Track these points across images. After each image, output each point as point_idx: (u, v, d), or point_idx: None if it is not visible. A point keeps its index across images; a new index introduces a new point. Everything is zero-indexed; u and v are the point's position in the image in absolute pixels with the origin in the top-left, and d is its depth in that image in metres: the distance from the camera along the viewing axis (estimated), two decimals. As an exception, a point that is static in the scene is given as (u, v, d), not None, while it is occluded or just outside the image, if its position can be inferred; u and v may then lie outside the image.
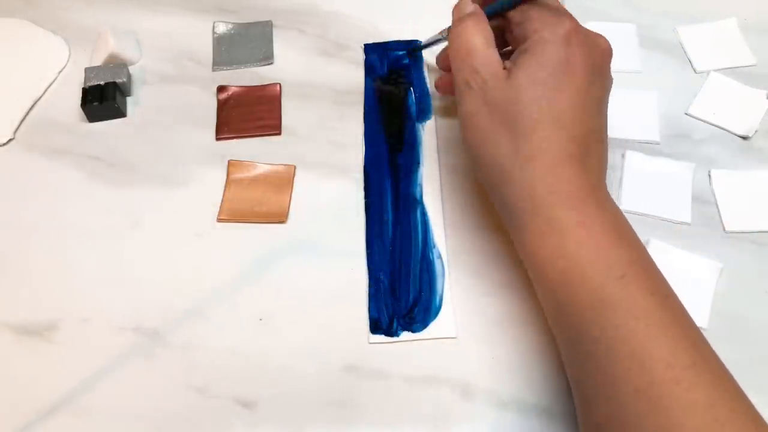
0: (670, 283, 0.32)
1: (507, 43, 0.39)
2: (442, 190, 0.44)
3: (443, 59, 0.45)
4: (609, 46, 0.35)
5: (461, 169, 0.45)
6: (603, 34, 0.50)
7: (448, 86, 0.44)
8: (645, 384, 0.28)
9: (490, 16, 0.37)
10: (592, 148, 0.34)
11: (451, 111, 0.47)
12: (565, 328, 0.32)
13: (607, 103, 0.36)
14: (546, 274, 0.32)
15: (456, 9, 0.38)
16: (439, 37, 0.44)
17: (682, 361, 0.28)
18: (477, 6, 0.37)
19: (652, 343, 0.28)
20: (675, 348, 0.28)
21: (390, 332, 0.38)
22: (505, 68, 0.35)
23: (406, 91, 0.48)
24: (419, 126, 0.46)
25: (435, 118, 0.47)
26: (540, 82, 0.33)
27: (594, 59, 0.34)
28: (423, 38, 0.47)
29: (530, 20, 0.35)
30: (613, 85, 0.44)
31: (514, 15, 0.36)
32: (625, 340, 0.29)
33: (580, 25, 0.34)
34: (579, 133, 0.33)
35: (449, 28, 0.40)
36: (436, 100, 0.48)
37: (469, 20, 0.36)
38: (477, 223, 0.42)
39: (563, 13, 0.35)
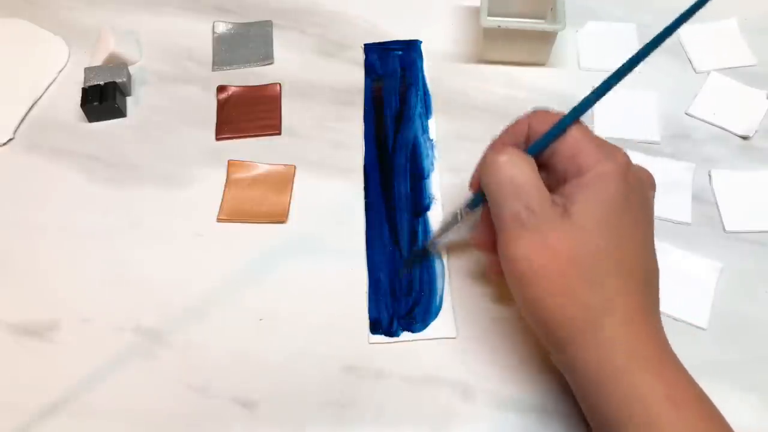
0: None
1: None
2: (442, 190, 0.43)
3: (478, 241, 0.36)
4: (653, 179, 0.33)
5: (461, 168, 0.44)
6: (603, 34, 0.51)
7: (487, 242, 0.35)
8: None
9: (536, 156, 0.32)
10: (654, 290, 0.31)
11: (451, 110, 0.47)
12: None
13: (653, 226, 0.32)
14: None
15: (486, 162, 0.32)
16: (456, 219, 0.37)
17: None
18: (517, 148, 0.32)
19: None
20: None
21: (390, 332, 0.38)
22: (553, 203, 0.30)
23: (407, 91, 0.48)
24: (419, 125, 0.46)
25: (435, 118, 0.47)
26: (604, 222, 0.29)
27: (645, 194, 0.32)
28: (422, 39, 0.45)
29: (584, 152, 0.30)
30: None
31: (565, 147, 0.31)
32: None
33: (629, 158, 0.31)
34: (643, 278, 0.30)
35: (466, 206, 0.35)
36: (436, 99, 0.48)
37: (511, 150, 0.31)
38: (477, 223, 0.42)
39: (613, 145, 0.31)
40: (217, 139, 0.46)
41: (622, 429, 0.28)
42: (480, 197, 0.33)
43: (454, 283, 0.40)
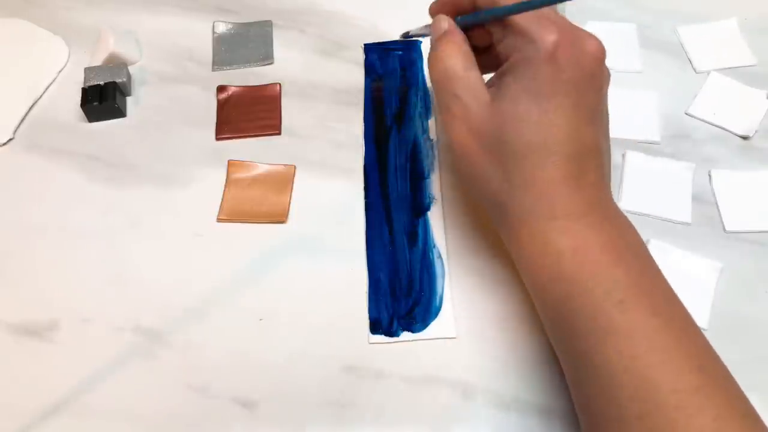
0: (678, 299, 0.31)
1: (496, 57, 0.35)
2: (442, 190, 0.44)
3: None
4: (600, 47, 0.32)
5: (461, 169, 0.45)
6: (603, 34, 0.50)
7: None
8: (649, 410, 0.27)
9: (465, 29, 0.35)
10: (587, 162, 0.32)
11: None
12: (567, 352, 0.32)
13: (605, 103, 0.34)
14: (545, 298, 0.32)
15: (433, 28, 0.36)
16: (426, 32, 0.40)
17: (686, 386, 0.27)
18: (451, 22, 0.35)
19: (655, 369, 0.28)
20: (679, 372, 0.28)
21: (390, 332, 0.38)
22: (490, 87, 0.33)
23: (407, 91, 0.48)
24: (419, 125, 0.46)
25: (435, 118, 0.47)
26: (525, 107, 0.31)
27: (584, 68, 0.32)
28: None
29: (512, 35, 0.32)
30: (613, 85, 0.44)
31: (495, 30, 0.34)
32: (627, 366, 0.28)
33: (568, 29, 0.32)
34: (573, 150, 0.31)
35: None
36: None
37: (445, 40, 0.34)
38: (477, 223, 0.42)
39: (547, 22, 0.32)
40: (217, 139, 0.46)
41: (537, 289, 0.32)
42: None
43: (454, 283, 0.40)
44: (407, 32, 0.42)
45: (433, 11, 0.38)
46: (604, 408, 0.29)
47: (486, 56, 0.35)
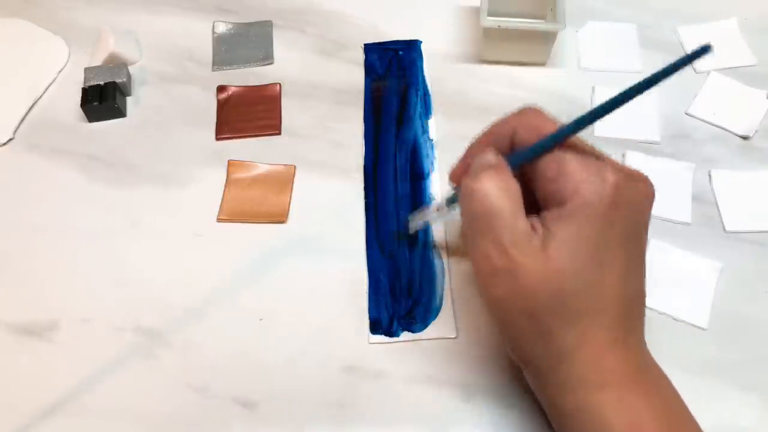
0: None
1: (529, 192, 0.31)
2: (442, 190, 0.44)
3: (456, 178, 0.35)
4: (652, 190, 0.30)
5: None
6: (603, 34, 0.51)
7: None
8: None
9: (516, 169, 0.29)
10: (634, 316, 0.30)
11: (451, 110, 0.47)
12: None
13: (646, 242, 0.31)
14: None
15: (476, 161, 0.30)
16: (434, 214, 0.37)
17: None
18: (500, 158, 0.30)
19: None
20: None
21: (390, 332, 0.38)
22: (533, 229, 0.28)
23: (407, 91, 0.48)
24: (419, 125, 0.46)
25: (435, 118, 0.47)
26: (583, 261, 0.28)
27: (638, 209, 0.29)
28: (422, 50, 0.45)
29: (566, 176, 0.28)
30: (613, 86, 0.44)
31: (546, 167, 0.29)
32: None
33: (622, 170, 0.29)
34: (622, 309, 0.29)
35: (446, 202, 0.35)
36: (436, 99, 0.48)
37: (490, 174, 0.29)
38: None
39: (603, 161, 0.29)
40: (217, 139, 0.46)
41: None
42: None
43: (454, 283, 0.40)
44: (404, 231, 0.40)
45: (455, 175, 0.34)
46: None
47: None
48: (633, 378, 0.29)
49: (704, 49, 0.26)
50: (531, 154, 0.30)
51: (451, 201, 0.35)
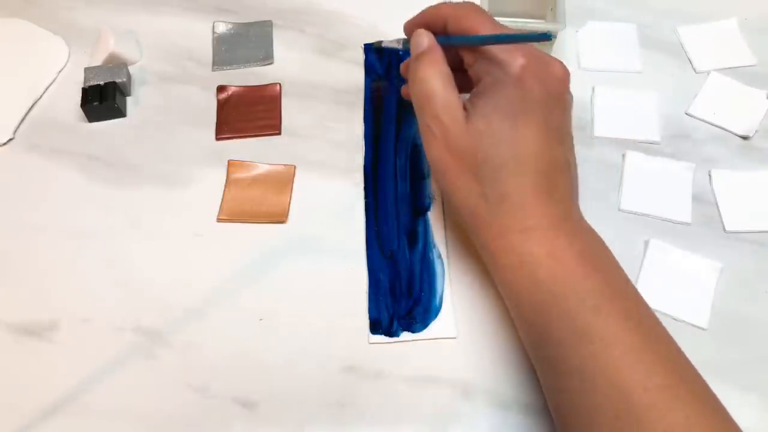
0: (647, 305, 0.32)
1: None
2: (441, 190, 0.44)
3: (406, 93, 0.42)
4: (565, 71, 0.35)
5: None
6: (603, 34, 0.51)
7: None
8: (623, 410, 0.28)
9: (445, 47, 0.36)
10: (558, 178, 0.34)
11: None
12: (543, 359, 0.33)
13: (569, 125, 0.36)
14: (522, 307, 0.33)
15: (413, 42, 0.37)
16: (397, 46, 0.42)
17: (657, 384, 0.28)
18: (432, 39, 0.36)
19: (627, 369, 0.29)
20: (650, 371, 0.29)
21: (390, 332, 0.38)
22: (465, 109, 0.34)
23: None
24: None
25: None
26: (497, 125, 0.33)
27: (550, 89, 0.34)
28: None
29: (482, 60, 0.35)
30: (613, 85, 0.44)
31: (466, 55, 0.36)
32: (602, 369, 0.29)
33: (535, 55, 0.34)
34: (543, 167, 0.33)
35: (404, 40, 0.40)
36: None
37: (426, 59, 0.35)
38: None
39: (515, 48, 0.34)
40: (217, 139, 0.46)
41: (513, 299, 0.34)
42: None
43: (454, 283, 0.40)
44: (380, 42, 0.44)
45: (407, 28, 0.39)
46: (580, 410, 0.30)
47: (460, 76, 0.36)
48: (556, 223, 0.33)
49: (545, 36, 0.33)
50: (458, 42, 0.36)
51: (406, 45, 0.40)
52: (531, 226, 0.33)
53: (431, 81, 0.35)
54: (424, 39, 0.36)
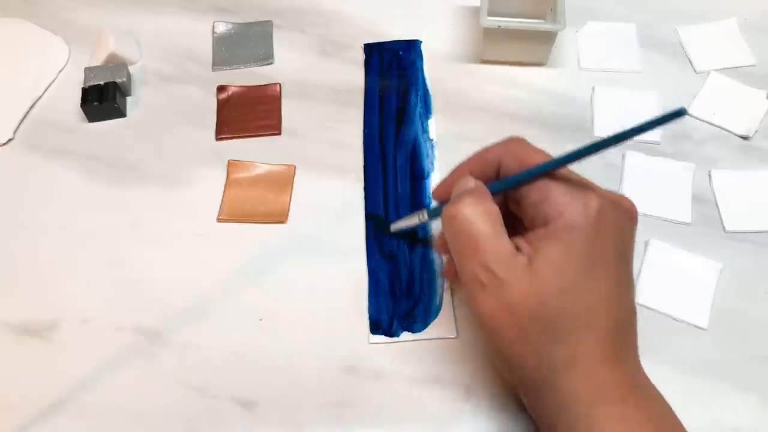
0: None
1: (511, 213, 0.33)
2: (442, 190, 0.44)
3: (441, 244, 0.36)
4: (633, 206, 0.31)
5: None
6: (603, 34, 0.51)
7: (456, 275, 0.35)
8: None
9: (496, 194, 0.31)
10: (628, 332, 0.30)
11: (451, 110, 0.47)
12: None
13: (632, 262, 0.32)
14: None
15: (457, 187, 0.32)
16: (416, 221, 0.37)
17: None
18: (479, 183, 0.31)
19: None
20: None
21: (390, 332, 0.38)
22: (518, 249, 0.29)
23: (407, 91, 0.48)
24: (419, 125, 0.46)
25: (435, 118, 0.47)
26: (571, 276, 0.28)
27: (624, 232, 0.30)
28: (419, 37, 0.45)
29: (551, 200, 0.30)
30: (613, 85, 0.44)
31: (530, 192, 0.31)
32: None
33: (605, 194, 0.30)
34: (613, 324, 0.29)
35: (428, 209, 0.36)
36: (436, 99, 0.48)
37: (468, 199, 0.30)
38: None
39: (587, 187, 0.30)
40: (217, 139, 0.46)
41: None
42: (441, 210, 0.33)
43: (454, 284, 0.40)
44: (387, 222, 0.41)
45: (441, 192, 0.35)
46: None
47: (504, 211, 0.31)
48: (626, 394, 0.29)
49: (679, 113, 0.28)
50: (514, 183, 0.31)
51: (434, 213, 0.36)
52: (602, 399, 0.28)
53: (477, 221, 0.29)
54: (470, 181, 0.32)
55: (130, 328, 0.39)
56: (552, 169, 0.30)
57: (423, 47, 0.50)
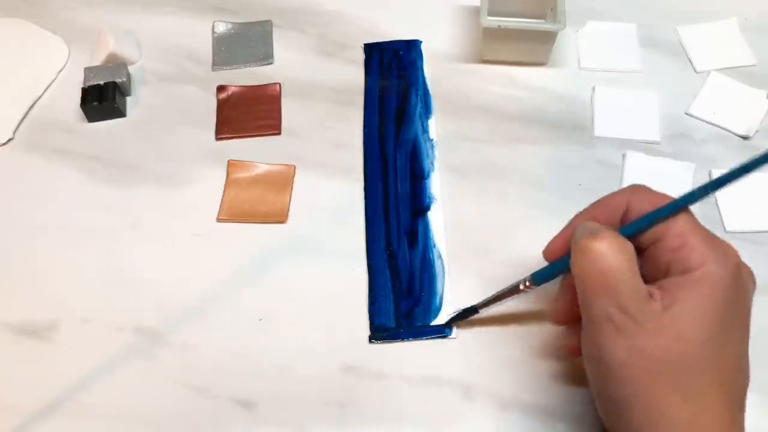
0: None
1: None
2: (442, 190, 0.43)
3: (560, 314, 0.33)
4: (754, 276, 0.30)
5: (461, 168, 0.45)
6: (603, 34, 0.51)
7: (567, 317, 0.33)
8: None
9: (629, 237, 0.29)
10: (745, 389, 0.29)
11: (451, 110, 0.47)
12: None
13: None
14: None
15: (571, 230, 0.31)
16: (515, 293, 0.34)
17: None
18: (605, 226, 0.29)
19: None
20: None
21: (390, 332, 0.38)
22: (650, 295, 0.28)
23: (407, 91, 0.48)
24: (419, 125, 0.46)
25: (435, 118, 0.47)
26: (708, 332, 0.27)
27: (749, 296, 0.29)
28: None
29: (691, 247, 0.28)
30: (613, 85, 0.44)
31: (667, 237, 0.29)
32: None
33: (737, 254, 0.29)
34: (738, 383, 0.28)
35: (532, 278, 0.33)
36: (436, 99, 0.48)
37: (605, 233, 0.28)
38: (477, 223, 0.42)
39: (723, 241, 0.29)
40: (217, 139, 0.46)
41: None
42: (554, 270, 0.32)
43: (454, 283, 0.40)
44: (455, 313, 0.39)
45: (555, 250, 0.33)
46: None
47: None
48: None
49: None
50: (649, 222, 0.29)
51: (543, 278, 0.33)
52: None
53: (616, 258, 0.27)
54: (596, 224, 0.29)
55: (130, 328, 0.39)
56: (687, 203, 0.29)
57: (423, 47, 0.50)
